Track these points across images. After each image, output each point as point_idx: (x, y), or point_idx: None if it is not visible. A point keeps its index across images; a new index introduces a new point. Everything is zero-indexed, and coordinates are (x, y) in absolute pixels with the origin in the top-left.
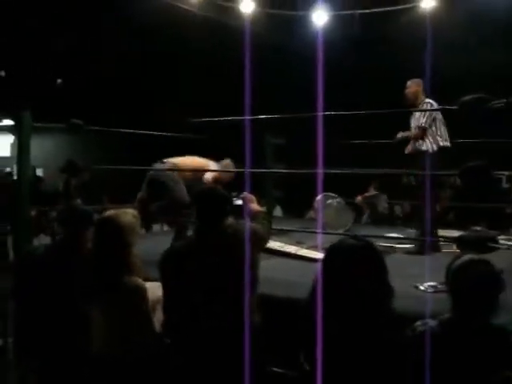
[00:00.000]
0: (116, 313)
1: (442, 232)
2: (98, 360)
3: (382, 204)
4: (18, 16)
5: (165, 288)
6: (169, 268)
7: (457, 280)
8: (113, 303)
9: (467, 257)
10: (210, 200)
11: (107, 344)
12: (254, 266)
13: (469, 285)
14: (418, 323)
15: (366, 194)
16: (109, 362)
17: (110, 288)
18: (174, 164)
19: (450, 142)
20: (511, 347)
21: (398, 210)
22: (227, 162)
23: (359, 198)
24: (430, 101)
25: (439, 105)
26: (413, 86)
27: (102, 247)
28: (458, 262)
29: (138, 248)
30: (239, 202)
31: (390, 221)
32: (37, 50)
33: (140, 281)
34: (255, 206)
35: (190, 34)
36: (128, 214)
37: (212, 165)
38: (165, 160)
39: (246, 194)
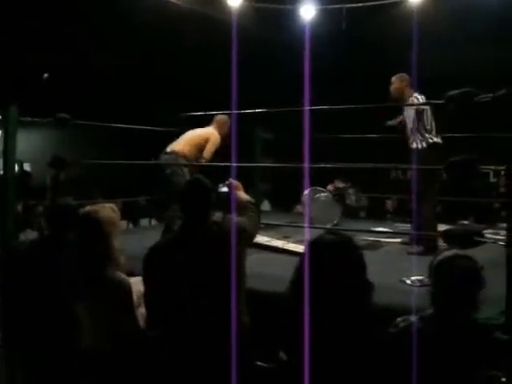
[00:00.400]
0: (101, 308)
1: None
2: (87, 355)
3: (351, 197)
4: (5, 13)
5: (148, 282)
6: (153, 262)
7: (438, 275)
8: (98, 298)
9: (449, 252)
10: (194, 193)
11: (96, 339)
12: (241, 262)
13: (450, 280)
14: (400, 319)
15: (335, 186)
16: (98, 357)
17: (94, 283)
18: (178, 153)
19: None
20: (492, 343)
21: (388, 204)
22: (221, 117)
23: (330, 188)
24: (417, 96)
25: (427, 99)
26: (396, 82)
27: (83, 242)
28: (440, 257)
29: (124, 242)
30: (225, 189)
31: (356, 214)
32: (24, 44)
33: (123, 276)
34: (242, 195)
35: (177, 28)
36: (106, 208)
37: (210, 130)
38: (168, 150)
39: (231, 180)
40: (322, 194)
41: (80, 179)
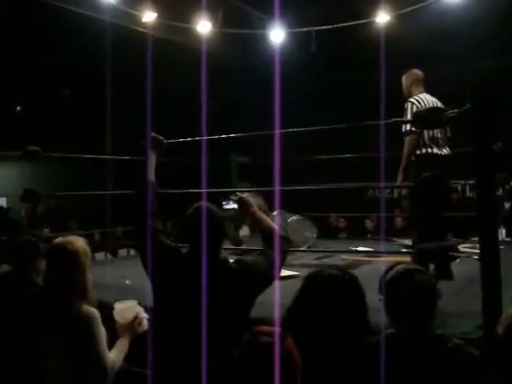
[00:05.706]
0: (68, 345)
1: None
2: None
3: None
4: None
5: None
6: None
7: (393, 292)
8: (64, 336)
9: (400, 267)
10: (200, 220)
11: (62, 381)
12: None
13: (407, 296)
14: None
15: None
16: None
17: (61, 318)
18: None
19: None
20: (451, 355)
21: (368, 223)
22: None
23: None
24: (417, 97)
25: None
26: (403, 81)
27: (54, 274)
28: (392, 273)
29: (101, 273)
30: (231, 205)
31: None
32: None
33: (92, 309)
34: (266, 220)
35: (147, 57)
36: (79, 240)
37: None
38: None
39: (240, 194)
40: (293, 218)
41: (56, 211)
